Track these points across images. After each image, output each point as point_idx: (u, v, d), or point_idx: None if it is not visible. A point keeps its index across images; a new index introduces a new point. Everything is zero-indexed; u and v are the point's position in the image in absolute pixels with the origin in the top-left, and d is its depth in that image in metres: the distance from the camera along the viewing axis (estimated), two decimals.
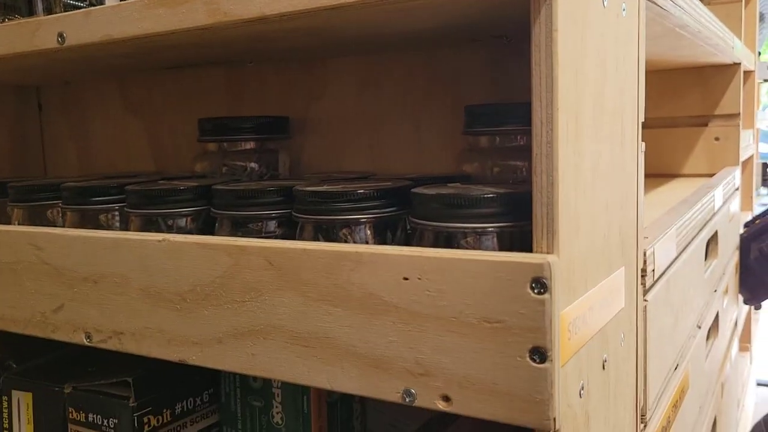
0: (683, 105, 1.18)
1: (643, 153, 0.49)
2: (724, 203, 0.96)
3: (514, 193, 0.39)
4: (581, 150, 0.37)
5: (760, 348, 1.94)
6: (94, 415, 0.57)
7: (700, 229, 0.76)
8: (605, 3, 0.40)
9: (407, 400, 0.37)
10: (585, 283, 0.38)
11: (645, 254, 0.50)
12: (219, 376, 0.60)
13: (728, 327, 1.07)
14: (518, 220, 0.39)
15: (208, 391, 0.61)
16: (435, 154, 0.64)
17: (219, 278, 0.43)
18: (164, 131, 0.80)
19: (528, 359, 0.34)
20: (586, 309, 0.38)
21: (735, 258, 1.11)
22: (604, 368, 0.41)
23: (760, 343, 1.90)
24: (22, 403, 0.62)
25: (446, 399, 0.36)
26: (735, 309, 1.16)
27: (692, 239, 0.71)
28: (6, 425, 0.63)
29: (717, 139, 1.17)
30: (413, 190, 0.42)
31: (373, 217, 0.43)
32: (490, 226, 0.38)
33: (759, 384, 1.85)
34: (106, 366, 0.60)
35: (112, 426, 0.56)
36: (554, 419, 0.33)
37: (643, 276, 0.50)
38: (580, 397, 0.37)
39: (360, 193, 0.43)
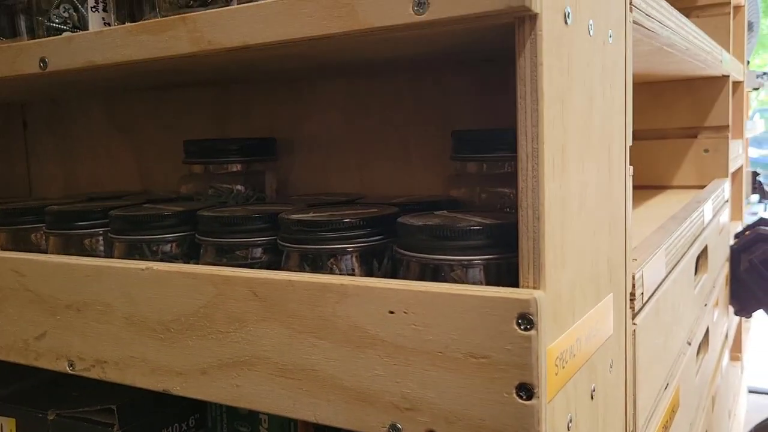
0: (672, 117, 1.18)
1: (631, 177, 0.49)
2: (714, 216, 0.96)
3: (501, 225, 0.39)
4: (568, 181, 0.36)
5: (752, 356, 1.94)
6: None
7: (690, 246, 0.76)
8: (591, 32, 0.39)
9: None
10: (572, 315, 0.38)
11: (634, 278, 0.50)
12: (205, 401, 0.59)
13: (719, 340, 1.07)
14: (505, 252, 0.38)
15: (194, 417, 0.60)
16: (424, 176, 0.63)
17: (203, 308, 0.43)
18: (151, 150, 0.79)
19: (515, 396, 0.33)
20: (573, 341, 0.37)
21: (725, 270, 1.11)
22: (592, 398, 0.41)
23: (751, 351, 1.91)
24: (5, 429, 0.61)
25: None
26: (725, 321, 1.16)
27: (682, 256, 0.71)
28: None
29: (706, 150, 1.17)
30: (399, 220, 0.41)
31: (360, 247, 0.43)
32: (477, 259, 0.38)
33: (751, 391, 1.85)
34: (90, 390, 0.59)
35: None
36: None
37: (631, 300, 0.50)
38: (568, 430, 0.37)
39: (346, 222, 0.43)
